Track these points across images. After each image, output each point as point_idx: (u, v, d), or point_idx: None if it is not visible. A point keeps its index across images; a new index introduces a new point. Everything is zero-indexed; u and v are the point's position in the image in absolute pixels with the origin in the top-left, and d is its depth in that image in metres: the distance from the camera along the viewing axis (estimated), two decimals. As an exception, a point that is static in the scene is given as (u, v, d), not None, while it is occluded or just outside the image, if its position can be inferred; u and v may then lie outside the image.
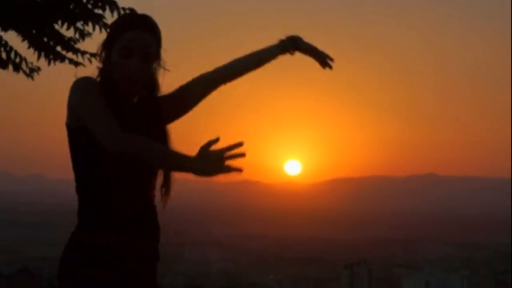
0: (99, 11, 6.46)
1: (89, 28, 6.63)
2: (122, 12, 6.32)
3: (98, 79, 2.98)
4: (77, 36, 6.72)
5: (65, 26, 6.64)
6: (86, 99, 2.86)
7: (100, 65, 3.01)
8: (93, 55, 6.81)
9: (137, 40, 2.94)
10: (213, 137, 2.83)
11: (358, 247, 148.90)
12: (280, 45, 3.27)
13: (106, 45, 2.99)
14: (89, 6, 6.38)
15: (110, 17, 6.36)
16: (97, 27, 6.58)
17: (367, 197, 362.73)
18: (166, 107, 3.11)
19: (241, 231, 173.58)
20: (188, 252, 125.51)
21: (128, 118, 2.95)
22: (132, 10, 6.27)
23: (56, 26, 6.78)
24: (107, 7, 6.35)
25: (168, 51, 3.06)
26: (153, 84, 3.05)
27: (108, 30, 3.03)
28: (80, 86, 2.90)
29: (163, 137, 3.05)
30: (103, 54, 2.99)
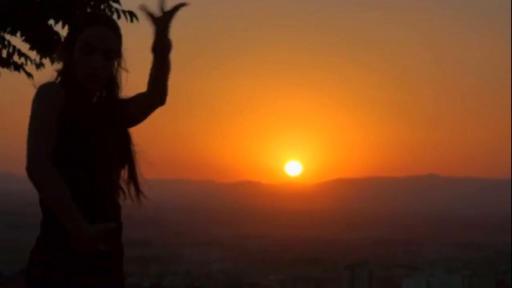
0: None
1: None
2: (121, 14, 6.35)
3: (58, 79, 2.96)
4: None
5: (66, 27, 6.66)
6: (36, 113, 2.83)
7: (59, 66, 2.99)
8: None
9: (99, 36, 2.91)
10: (112, 225, 2.83)
11: (359, 247, 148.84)
12: (154, 55, 3.12)
13: (67, 44, 2.96)
14: (91, 4, 6.40)
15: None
16: None
17: (368, 197, 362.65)
18: (127, 111, 3.08)
19: (242, 231, 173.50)
20: (188, 253, 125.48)
21: (89, 118, 2.93)
22: (132, 13, 6.31)
23: (56, 27, 6.82)
24: (107, 8, 6.38)
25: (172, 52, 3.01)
26: (114, 83, 3.03)
27: (68, 28, 3.00)
28: (38, 98, 2.86)
29: (126, 139, 3.05)
30: (64, 54, 2.97)
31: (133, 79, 3.11)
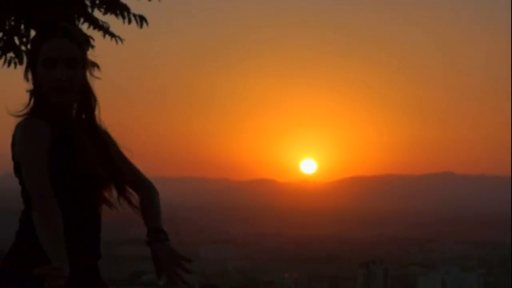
0: (106, 22, 6.54)
1: (97, 34, 6.73)
2: (133, 18, 6.40)
3: (31, 103, 2.95)
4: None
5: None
6: (26, 153, 2.85)
7: (29, 87, 2.97)
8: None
9: (58, 48, 2.89)
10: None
11: (374, 245, 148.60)
12: (148, 239, 3.15)
13: (30, 63, 2.95)
14: (102, 11, 6.47)
15: (121, 23, 6.46)
16: (105, 36, 6.69)
17: (383, 195, 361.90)
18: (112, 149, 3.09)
19: (257, 229, 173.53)
20: (203, 251, 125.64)
21: (77, 145, 2.96)
22: (142, 17, 6.37)
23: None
24: (119, 13, 6.43)
25: (181, 56, 3.07)
26: (88, 91, 3.02)
27: (29, 48, 3.00)
28: (24, 136, 2.87)
29: (111, 156, 3.06)
30: (29, 76, 2.96)
31: (144, 80, 3.09)
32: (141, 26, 6.36)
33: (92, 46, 6.75)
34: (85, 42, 3.05)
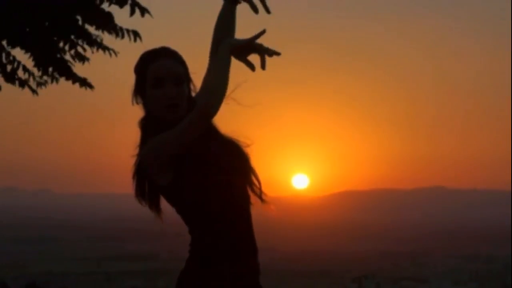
0: (100, 33, 6.57)
1: (88, 51, 6.77)
2: (126, 34, 6.43)
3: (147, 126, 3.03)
4: (76, 60, 6.86)
5: (67, 47, 6.75)
6: (169, 137, 2.93)
7: (142, 111, 3.06)
8: (86, 82, 6.99)
9: (164, 67, 2.99)
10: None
11: (366, 260, 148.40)
12: None
13: (138, 90, 3.05)
14: (93, 27, 6.49)
15: (114, 40, 6.48)
16: (99, 50, 6.71)
17: (375, 209, 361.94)
18: None
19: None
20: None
21: (210, 152, 3.10)
22: (135, 32, 6.39)
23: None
24: (111, 29, 6.45)
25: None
26: (193, 105, 3.07)
27: (134, 75, 3.05)
28: (156, 147, 2.95)
29: (241, 154, 3.31)
30: (138, 100, 3.06)
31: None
32: (135, 40, 6.39)
33: (88, 59, 6.79)
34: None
